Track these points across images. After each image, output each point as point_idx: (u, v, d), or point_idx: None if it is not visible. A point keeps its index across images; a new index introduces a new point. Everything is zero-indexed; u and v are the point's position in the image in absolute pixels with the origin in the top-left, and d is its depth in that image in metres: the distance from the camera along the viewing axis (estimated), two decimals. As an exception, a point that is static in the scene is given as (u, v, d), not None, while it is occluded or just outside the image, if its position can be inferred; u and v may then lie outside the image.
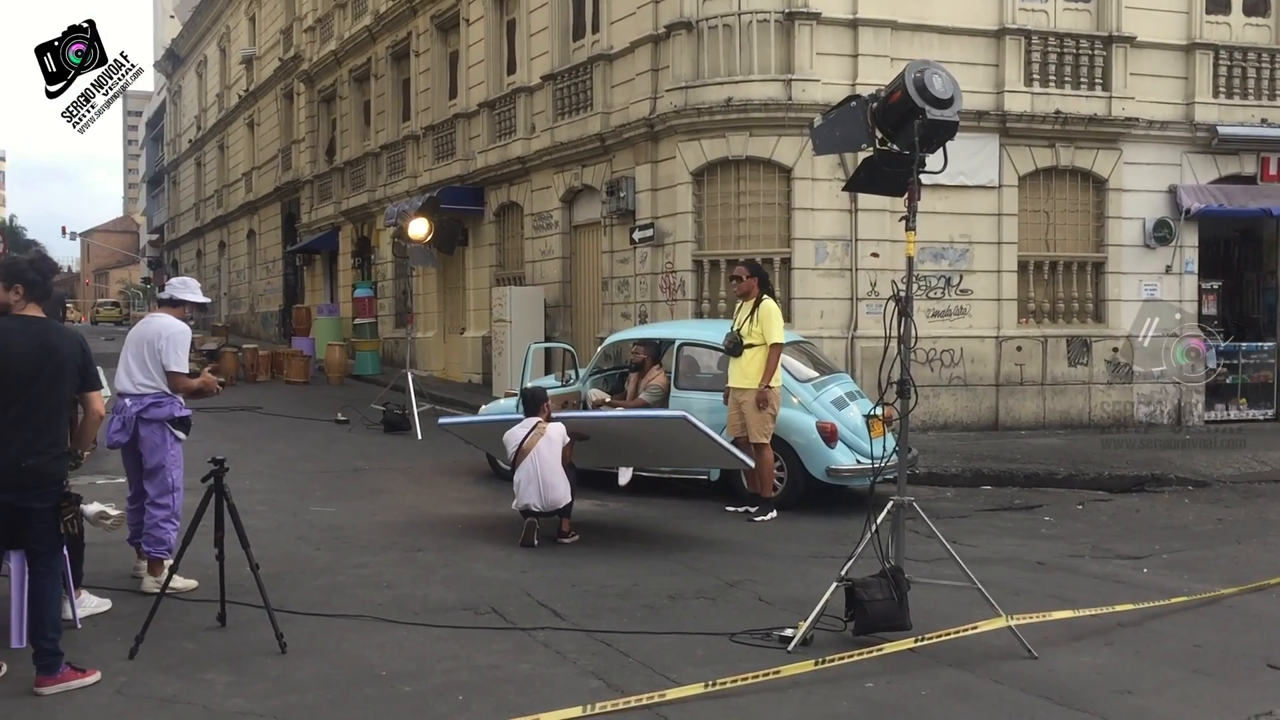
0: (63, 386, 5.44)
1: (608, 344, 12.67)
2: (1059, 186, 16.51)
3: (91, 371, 5.60)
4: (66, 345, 5.48)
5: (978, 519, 10.38)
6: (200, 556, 6.49)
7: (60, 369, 5.41)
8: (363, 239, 30.08)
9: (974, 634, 6.11)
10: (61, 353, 5.43)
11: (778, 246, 15.47)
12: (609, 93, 17.84)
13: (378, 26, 27.66)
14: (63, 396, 5.47)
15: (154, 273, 71.12)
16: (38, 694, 5.24)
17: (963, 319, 15.84)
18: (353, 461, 13.27)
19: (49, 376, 5.38)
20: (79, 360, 5.50)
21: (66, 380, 5.45)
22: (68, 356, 5.45)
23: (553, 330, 19.41)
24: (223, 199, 46.96)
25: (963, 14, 15.85)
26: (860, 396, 11.29)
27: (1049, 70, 16.19)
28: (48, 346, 5.40)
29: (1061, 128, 16.10)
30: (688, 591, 7.40)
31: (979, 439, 14.83)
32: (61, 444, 5.47)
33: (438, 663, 5.85)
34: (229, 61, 45.49)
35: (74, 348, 5.50)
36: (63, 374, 5.42)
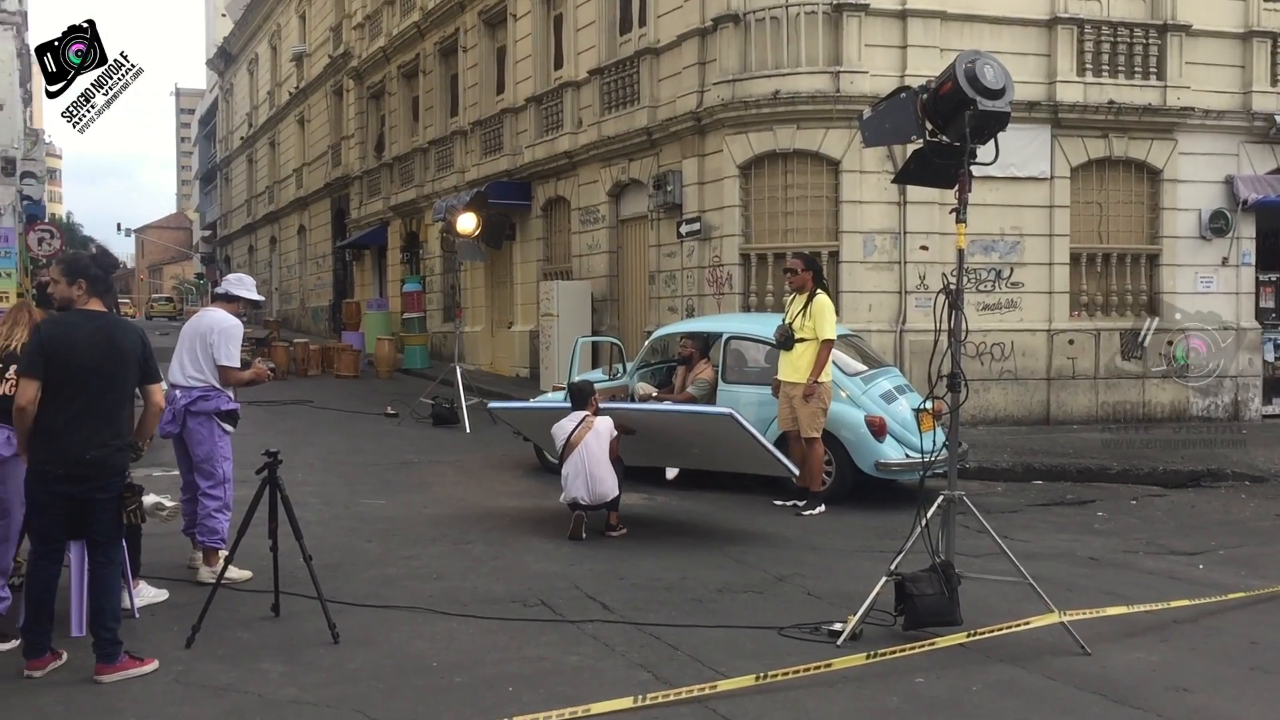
0: (125, 380, 5.53)
1: (655, 338, 12.68)
2: (1112, 178, 16.27)
3: (152, 365, 5.67)
4: (128, 339, 5.56)
5: (1029, 514, 10.28)
6: (255, 548, 6.58)
7: (122, 362, 5.49)
8: (411, 234, 30.31)
9: (1026, 629, 6.06)
10: (124, 346, 5.51)
11: (825, 240, 15.39)
12: (656, 86, 17.83)
13: (426, 23, 27.84)
14: (125, 390, 5.56)
15: (207, 268, 72.16)
16: (97, 682, 5.33)
17: (1013, 312, 15.68)
18: (402, 455, 13.38)
19: (111, 370, 5.46)
20: (140, 354, 5.58)
21: (129, 374, 5.54)
22: (129, 350, 5.53)
23: (600, 324, 19.45)
24: (274, 195, 47.51)
25: (1014, 3, 15.67)
26: (909, 390, 11.21)
27: (1102, 60, 15.97)
28: (111, 341, 5.48)
29: (1115, 118, 15.87)
30: (736, 585, 7.39)
31: (1030, 433, 14.68)
32: (124, 436, 5.56)
33: (488, 654, 5.89)
34: (280, 59, 45.99)
35: (135, 341, 5.58)
36: (125, 368, 5.51)
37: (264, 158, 50.00)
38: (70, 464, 5.35)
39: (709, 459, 10.11)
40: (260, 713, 5.03)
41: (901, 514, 9.32)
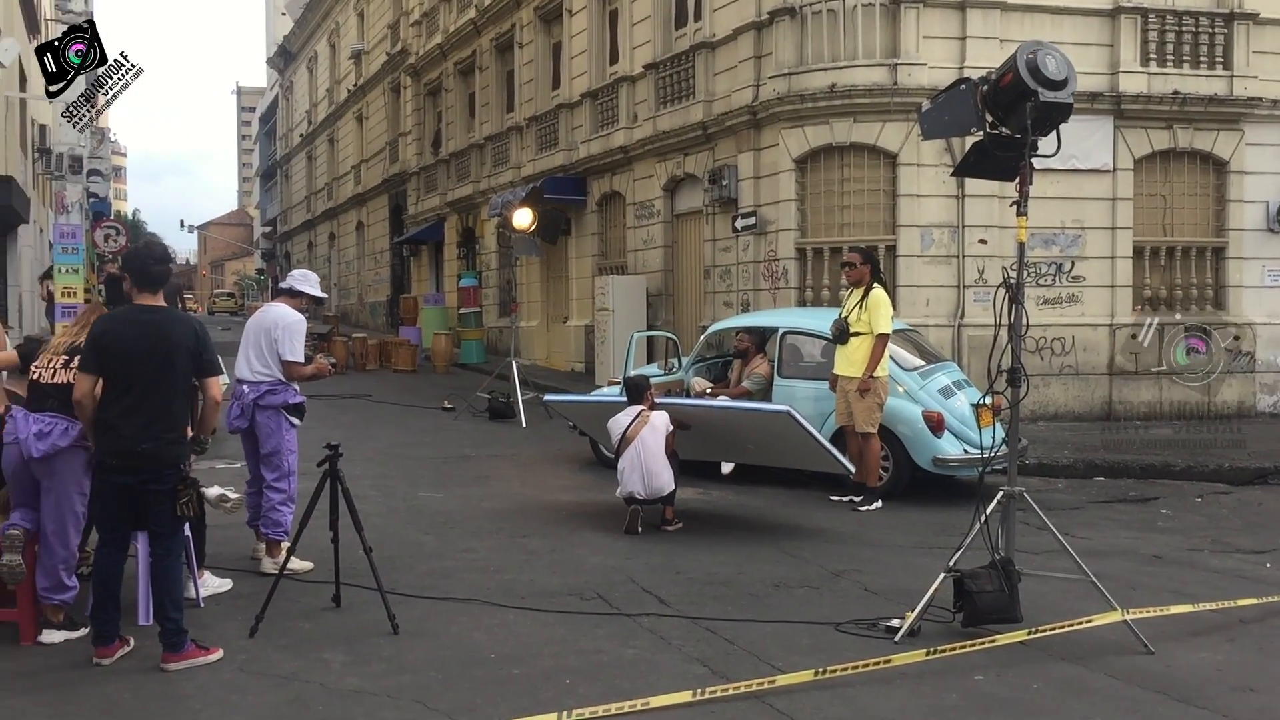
0: (174, 373, 5.51)
1: (710, 332, 12.67)
2: (1177, 169, 15.99)
3: (207, 358, 5.65)
4: (179, 333, 5.56)
5: (1091, 511, 10.14)
6: (316, 539, 6.68)
7: (170, 356, 5.49)
8: (468, 229, 30.52)
9: (1088, 628, 5.98)
10: (173, 340, 5.51)
11: (882, 234, 15.28)
12: (711, 80, 17.80)
13: (482, 19, 28.01)
14: (175, 383, 5.54)
15: (267, 264, 73.18)
16: (164, 670, 5.44)
17: (1074, 306, 15.47)
18: (459, 448, 13.49)
19: (160, 364, 5.47)
20: (193, 347, 5.56)
21: (178, 367, 5.52)
22: (179, 344, 5.52)
23: (655, 319, 19.47)
24: (332, 192, 48.07)
25: (1076, -7, 15.46)
26: (968, 385, 11.10)
27: (1166, 49, 15.69)
28: (160, 334, 5.51)
29: (1180, 109, 15.59)
30: (792, 580, 7.37)
31: (1091, 429, 14.45)
32: (177, 429, 5.56)
33: (545, 646, 5.93)
34: (338, 57, 46.52)
35: (188, 335, 5.57)
36: (173, 361, 5.50)
37: (323, 154, 50.60)
38: (124, 456, 5.44)
39: (764, 455, 10.07)
40: (323, 702, 5.10)
41: (959, 510, 9.26)
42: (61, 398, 5.81)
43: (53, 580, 5.86)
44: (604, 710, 4.86)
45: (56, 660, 5.64)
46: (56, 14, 38.81)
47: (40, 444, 5.75)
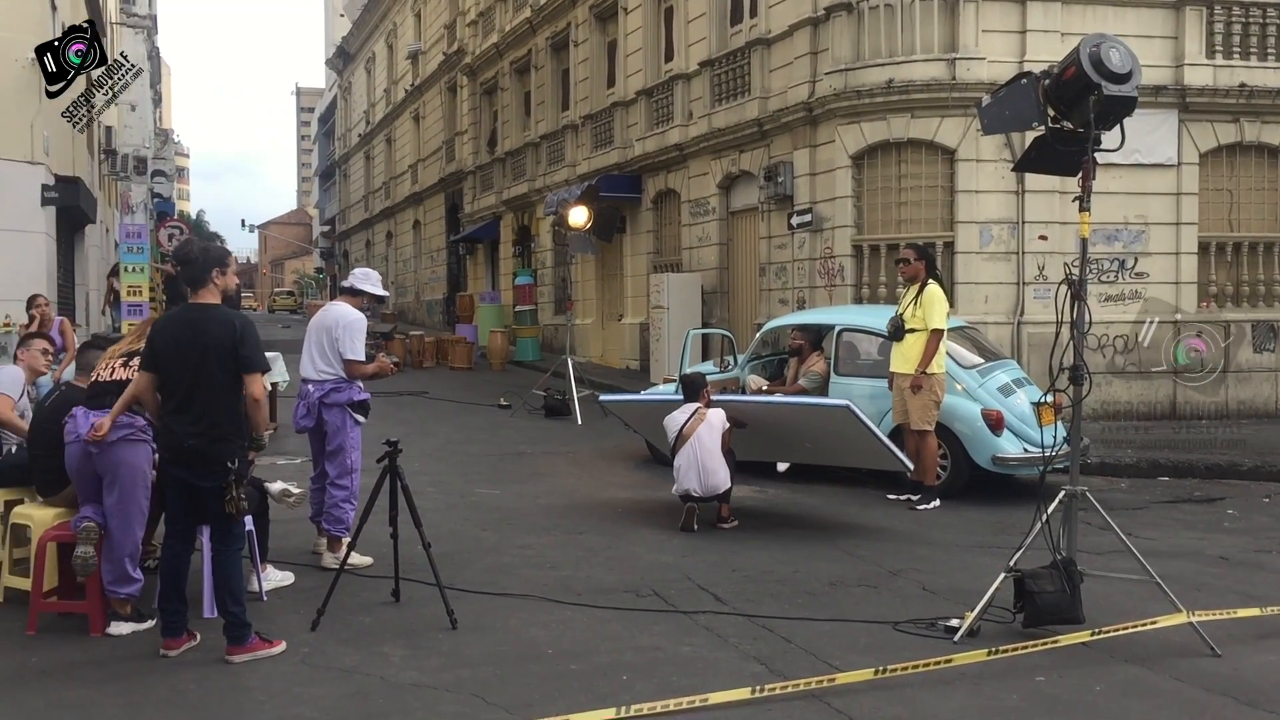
0: (214, 371, 5.52)
1: (766, 330, 12.63)
2: (1244, 163, 15.67)
3: (246, 354, 5.58)
4: (216, 330, 5.55)
5: (1154, 511, 9.97)
6: (376, 535, 6.75)
7: (208, 354, 5.51)
8: (523, 228, 30.68)
9: (1152, 629, 5.89)
10: (209, 338, 5.53)
11: (940, 230, 15.14)
12: (767, 77, 17.73)
13: (538, 18, 28.13)
14: (215, 380, 5.54)
15: (326, 263, 74.05)
16: (228, 661, 5.54)
17: (1138, 303, 15.21)
18: (515, 445, 13.57)
19: (197, 362, 5.52)
20: (230, 344, 5.54)
21: (213, 365, 5.52)
22: (215, 342, 5.53)
23: (710, 316, 19.45)
24: (390, 191, 48.55)
25: (1139, -15, 15.20)
26: (1028, 383, 10.97)
27: (1233, 41, 15.38)
28: (198, 332, 5.55)
29: (1246, 101, 15.27)
30: (849, 579, 7.33)
31: (1154, 428, 14.21)
32: (223, 427, 5.57)
33: (602, 643, 5.95)
34: (396, 57, 46.96)
35: (225, 333, 5.56)
36: (211, 359, 5.51)
37: (381, 154, 51.12)
38: (175, 451, 5.57)
39: (822, 453, 10.02)
40: (383, 694, 5.16)
41: (1019, 509, 9.16)
42: (118, 393, 6.00)
43: (118, 573, 5.98)
44: (662, 706, 4.87)
45: (124, 651, 5.76)
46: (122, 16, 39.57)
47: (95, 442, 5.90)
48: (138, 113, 41.02)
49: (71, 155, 22.35)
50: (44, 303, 12.73)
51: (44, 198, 18.64)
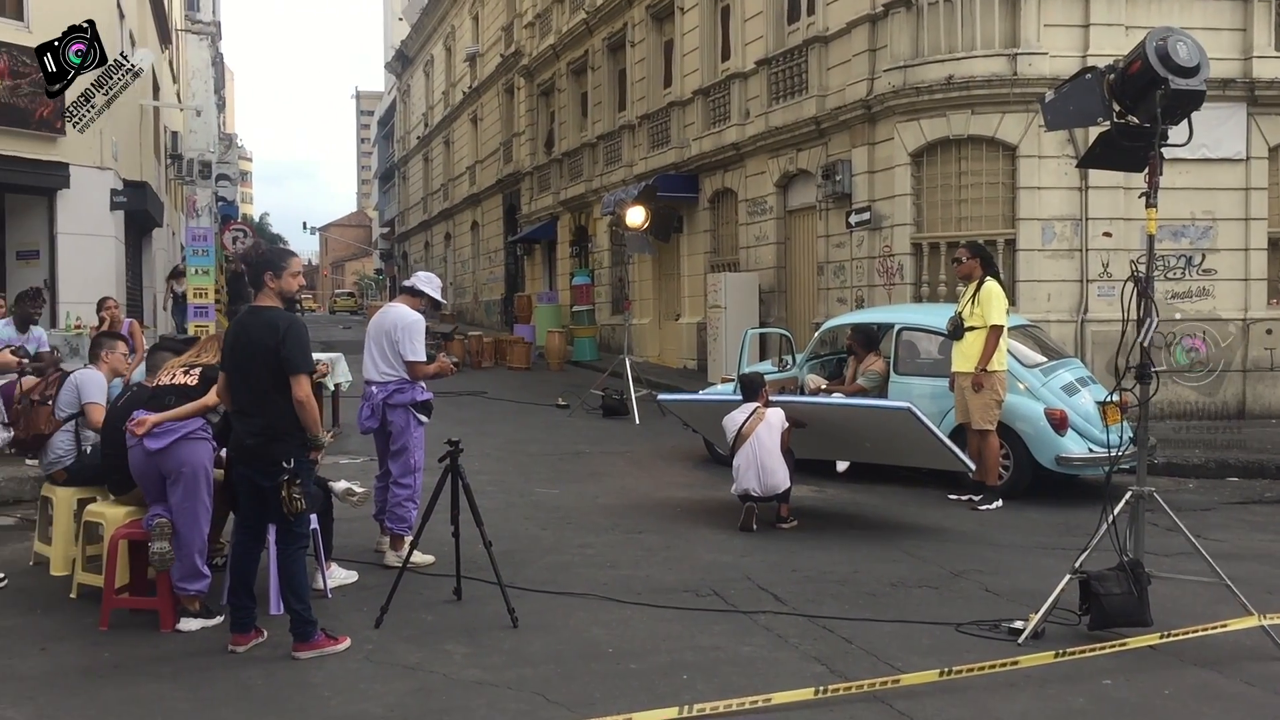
0: (260, 372, 5.63)
1: (824, 329, 12.57)
2: (1316, 157, 15.31)
3: (285, 355, 5.60)
4: (262, 332, 5.65)
5: (1223, 512, 9.78)
6: (437, 534, 6.82)
7: (254, 356, 5.64)
8: (580, 228, 30.79)
9: (1221, 633, 5.78)
10: (256, 340, 5.65)
11: (1001, 227, 14.97)
12: (824, 75, 17.64)
13: (594, 19, 28.21)
14: (262, 382, 5.63)
15: (385, 264, 74.82)
16: (294, 658, 5.63)
17: (1205, 300, 14.93)
18: (574, 445, 13.62)
19: (245, 363, 5.68)
20: (273, 345, 5.60)
21: (259, 366, 5.63)
22: (261, 344, 5.63)
23: (767, 316, 19.39)
24: (448, 192, 48.93)
25: (1206, -24, 14.91)
26: (1092, 383, 10.81)
27: (1303, 33, 15.04)
28: (249, 335, 5.70)
29: (1318, 94, 14.93)
30: (910, 580, 7.28)
31: (1223, 428, 13.93)
32: (275, 427, 5.64)
33: (662, 642, 5.96)
34: (454, 60, 47.32)
35: (270, 334, 5.63)
36: (257, 360, 5.64)
37: (439, 156, 51.53)
38: (238, 450, 5.76)
39: (881, 453, 9.95)
40: (445, 692, 5.21)
41: (1083, 510, 9.04)
42: (177, 394, 6.20)
43: (187, 570, 6.10)
44: (724, 706, 4.86)
45: (193, 647, 5.87)
46: (186, 23, 40.29)
47: (155, 441, 6.06)
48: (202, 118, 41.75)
49: (139, 160, 22.80)
50: (113, 305, 13.00)
51: (113, 202, 19.05)
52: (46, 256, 18.33)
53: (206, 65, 44.40)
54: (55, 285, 17.87)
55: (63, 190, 18.01)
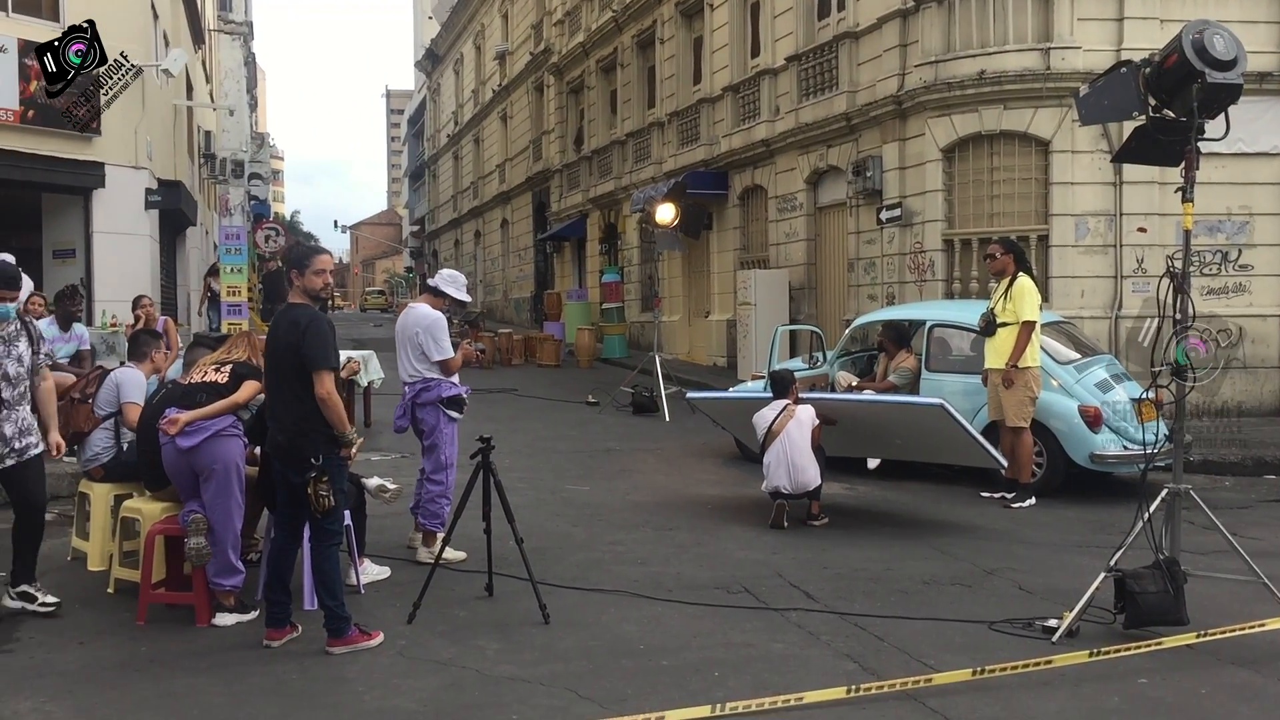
0: (287, 370, 5.69)
1: (855, 326, 12.52)
2: (1354, 151, 15.10)
3: (305, 352, 5.62)
4: (287, 330, 5.72)
5: (1261, 510, 9.68)
6: (469, 530, 6.85)
7: (279, 353, 5.74)
8: (610, 225, 30.80)
9: (1260, 631, 5.71)
10: (282, 338, 5.74)
11: (1034, 223, 14.85)
12: (855, 71, 17.56)
13: (624, 16, 28.21)
14: (290, 379, 5.68)
15: (415, 262, 75.16)
16: (329, 653, 5.67)
17: (1242, 296, 14.76)
18: (604, 442, 13.64)
19: (275, 361, 5.78)
20: (294, 342, 5.65)
21: (286, 363, 5.70)
22: (285, 341, 5.71)
23: (797, 313, 19.33)
24: (478, 190, 49.07)
25: (1242, -32, 14.73)
26: (1127, 379, 10.72)
27: (1342, 24, 14.84)
28: (277, 333, 5.80)
29: (1357, 87, 14.72)
30: (943, 577, 7.24)
31: (1261, 425, 13.78)
32: (304, 423, 5.66)
33: (693, 639, 5.96)
34: (484, 58, 47.44)
35: (293, 332, 5.68)
36: (282, 358, 5.73)
37: (469, 154, 51.69)
38: (273, 447, 5.82)
39: (913, 449, 9.92)
40: (478, 687, 5.24)
41: (1118, 508, 8.97)
42: (209, 392, 6.28)
43: (221, 565, 6.16)
44: (757, 704, 4.86)
45: (229, 641, 5.93)
46: (219, 24, 40.60)
47: (187, 439, 6.12)
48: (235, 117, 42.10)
49: (173, 159, 23.02)
50: (148, 303, 13.14)
51: (148, 201, 19.26)
52: (83, 255, 18.56)
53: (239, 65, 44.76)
54: (91, 284, 18.07)
55: (98, 190, 18.22)
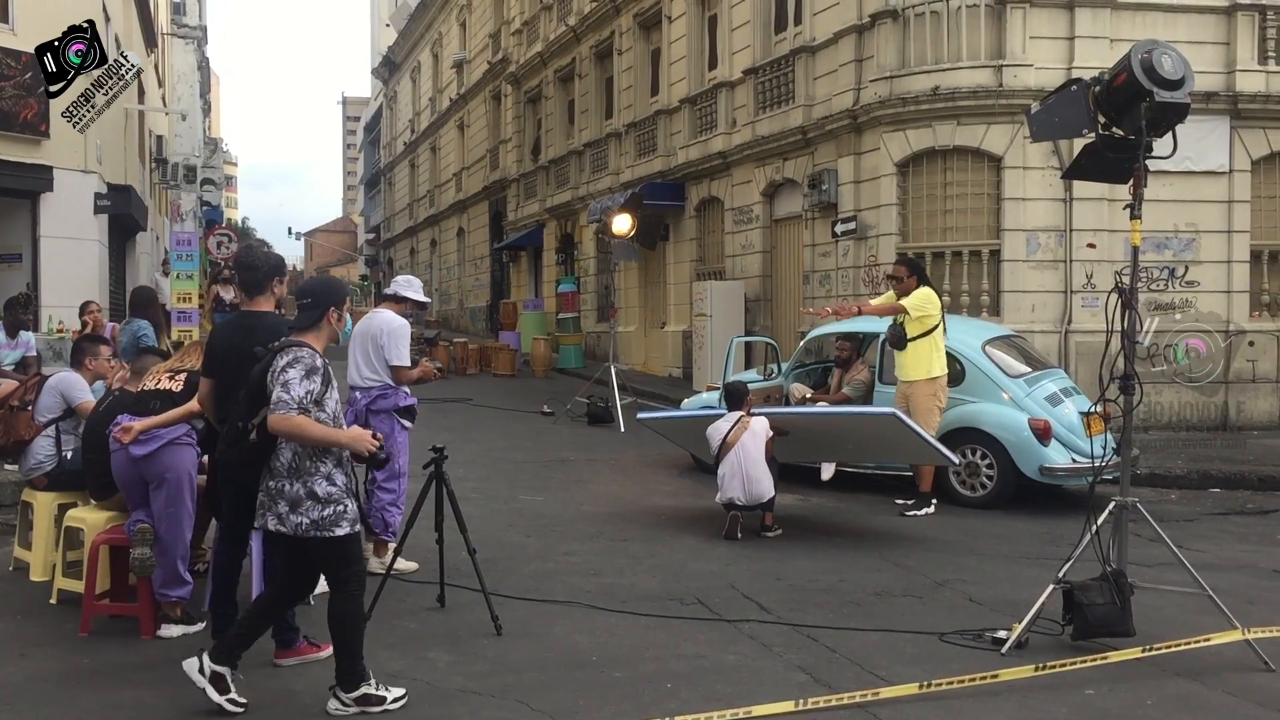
0: None
1: (810, 338, 12.59)
2: (1298, 170, 15.43)
3: None
4: (265, 339, 5.48)
5: (1206, 523, 9.83)
6: (421, 540, 6.80)
7: (242, 363, 5.44)
8: (566, 235, 30.78)
9: (1205, 646, 5.79)
10: (244, 346, 5.50)
11: (986, 238, 15.02)
12: (811, 85, 17.69)
13: (582, 27, 28.24)
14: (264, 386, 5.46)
15: (371, 270, 74.69)
16: (276, 665, 5.59)
17: (1188, 312, 15.01)
18: (559, 452, 13.60)
19: (235, 369, 5.49)
20: None
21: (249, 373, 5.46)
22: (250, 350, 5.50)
23: (753, 324, 19.40)
24: (434, 198, 48.88)
25: (1189, -10, 15.04)
26: (1076, 393, 10.86)
27: (1286, 47, 15.17)
28: (248, 341, 5.53)
29: (1300, 108, 15.04)
30: (894, 588, 7.29)
31: (1206, 439, 14.03)
32: None
33: (646, 650, 5.95)
34: (441, 66, 47.29)
35: (274, 340, 5.47)
36: (244, 368, 5.42)
37: (425, 162, 51.48)
38: (226, 454, 5.56)
39: (866, 454, 10.16)
40: (429, 700, 5.19)
41: (1067, 520, 9.07)
42: (162, 400, 6.14)
43: (168, 576, 6.06)
44: (705, 717, 4.86)
45: (175, 654, 5.79)
46: (172, 28, 40.15)
47: (140, 448, 6.02)
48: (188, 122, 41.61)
49: (123, 164, 22.70)
50: (96, 309, 12.93)
51: (97, 206, 18.95)
52: (29, 260, 18.22)
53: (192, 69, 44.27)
54: (38, 289, 17.75)
55: (46, 193, 17.90)
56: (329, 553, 5.02)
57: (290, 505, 4.96)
